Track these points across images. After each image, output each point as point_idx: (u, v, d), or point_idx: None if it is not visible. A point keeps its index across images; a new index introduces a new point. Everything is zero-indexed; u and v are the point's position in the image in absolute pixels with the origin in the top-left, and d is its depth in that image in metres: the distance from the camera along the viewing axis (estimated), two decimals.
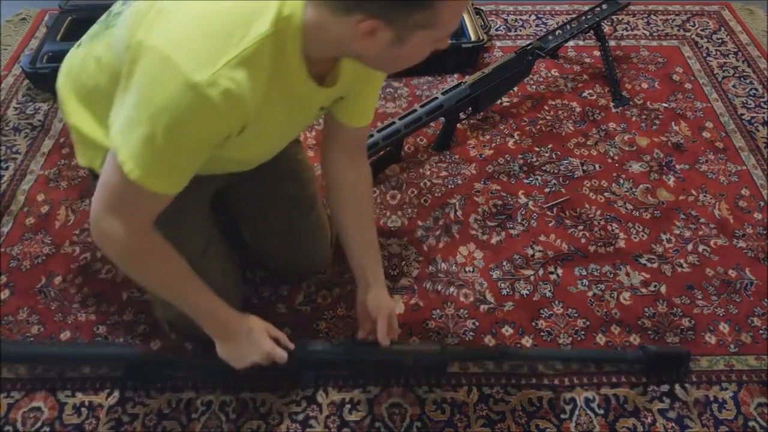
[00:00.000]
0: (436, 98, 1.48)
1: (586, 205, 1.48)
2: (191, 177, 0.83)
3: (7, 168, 1.53)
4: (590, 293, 1.31)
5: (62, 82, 1.00)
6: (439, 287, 1.31)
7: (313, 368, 1.15)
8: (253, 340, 1.00)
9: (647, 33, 1.99)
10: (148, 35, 0.73)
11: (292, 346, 1.04)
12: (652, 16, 2.05)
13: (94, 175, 0.98)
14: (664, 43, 1.96)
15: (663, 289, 1.32)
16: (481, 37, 1.78)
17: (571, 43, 1.85)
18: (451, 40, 1.95)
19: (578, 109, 1.73)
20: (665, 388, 1.16)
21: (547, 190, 1.52)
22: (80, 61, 0.95)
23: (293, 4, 0.74)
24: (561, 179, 1.54)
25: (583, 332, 1.24)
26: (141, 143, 0.75)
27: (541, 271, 1.35)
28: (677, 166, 1.58)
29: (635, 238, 1.42)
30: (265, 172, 1.08)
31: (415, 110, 1.45)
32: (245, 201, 1.19)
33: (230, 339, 1.00)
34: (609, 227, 1.44)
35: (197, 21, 0.73)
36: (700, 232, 1.43)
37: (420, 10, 0.70)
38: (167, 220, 0.87)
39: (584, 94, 1.78)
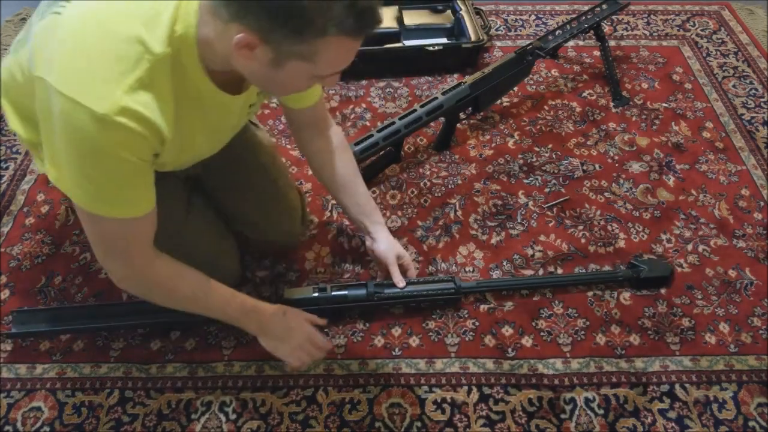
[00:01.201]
0: (436, 98, 1.48)
1: (586, 205, 1.48)
2: (152, 189, 0.85)
3: (7, 168, 1.53)
4: (590, 293, 1.31)
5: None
6: None
7: (339, 311, 1.23)
8: (290, 324, 1.05)
9: (647, 33, 1.99)
10: (49, 73, 0.73)
11: (324, 322, 1.12)
12: (652, 16, 2.05)
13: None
14: (664, 43, 1.96)
15: (663, 289, 1.32)
16: (481, 37, 1.78)
17: (571, 43, 1.86)
18: (450, 39, 1.94)
19: (578, 109, 1.73)
20: (665, 388, 1.16)
21: (547, 190, 1.52)
22: (8, 71, 0.98)
23: (186, 21, 0.74)
24: (561, 179, 1.54)
25: (583, 332, 1.24)
26: (86, 182, 0.78)
27: (541, 271, 1.35)
28: (677, 166, 1.58)
29: (635, 238, 1.42)
30: (227, 154, 1.08)
31: (415, 110, 1.45)
32: (217, 183, 1.20)
33: (269, 329, 1.05)
34: (609, 227, 1.44)
35: (88, 47, 0.73)
36: (700, 232, 1.43)
37: (298, 40, 0.70)
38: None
39: (584, 94, 1.78)
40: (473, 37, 1.79)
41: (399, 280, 1.18)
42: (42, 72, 0.75)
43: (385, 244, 1.18)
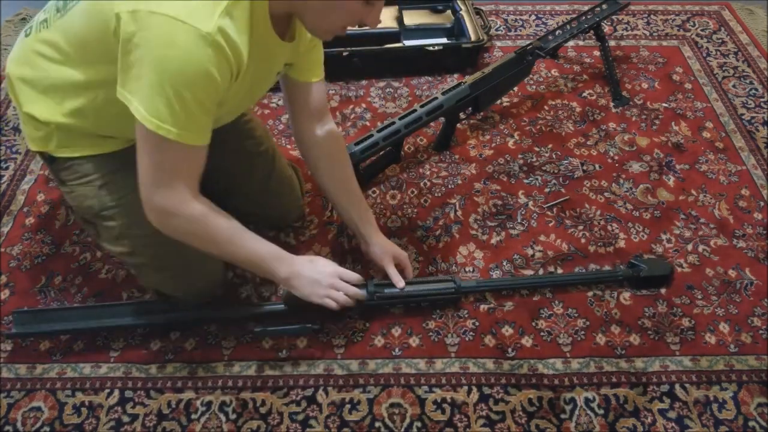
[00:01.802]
0: (436, 98, 1.48)
1: (586, 205, 1.48)
2: (211, 126, 0.91)
3: (7, 168, 1.53)
4: (590, 293, 1.31)
5: (12, 71, 1.04)
6: None
7: (339, 311, 1.19)
8: (320, 266, 1.09)
9: (647, 33, 1.99)
10: (137, 4, 0.78)
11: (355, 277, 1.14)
12: (652, 16, 2.05)
13: (48, 159, 1.08)
14: (664, 43, 1.96)
15: (663, 289, 1.32)
16: (481, 37, 1.78)
17: (571, 43, 1.86)
18: (450, 39, 1.96)
19: (578, 109, 1.73)
20: (665, 388, 1.16)
21: (547, 190, 1.52)
22: (32, 49, 0.99)
23: None
24: (561, 179, 1.54)
25: (583, 332, 1.24)
26: (168, 103, 0.82)
27: (541, 271, 1.35)
28: (677, 166, 1.58)
29: (635, 238, 1.42)
30: (225, 137, 1.11)
31: (415, 110, 1.45)
32: (215, 168, 1.21)
33: (301, 273, 1.07)
34: (609, 227, 1.44)
35: None
36: (700, 232, 1.43)
37: None
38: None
39: (584, 94, 1.78)
40: (473, 37, 1.79)
41: (398, 281, 1.19)
42: (131, 5, 0.79)
43: (379, 246, 1.20)
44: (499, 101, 1.71)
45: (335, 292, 1.10)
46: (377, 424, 1.11)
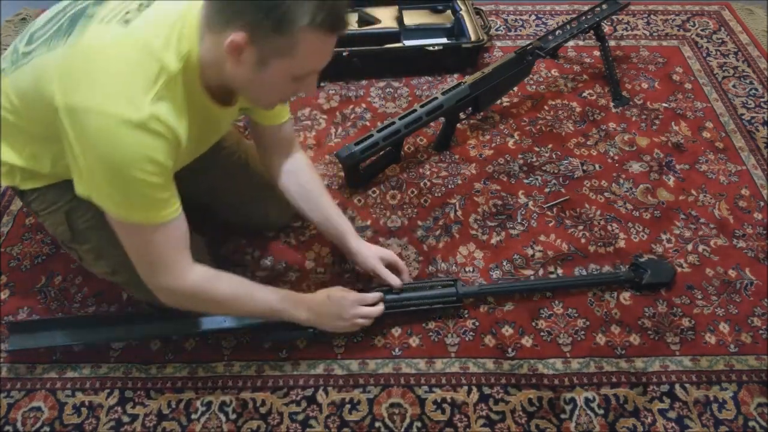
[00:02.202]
0: (436, 98, 1.48)
1: (586, 205, 1.48)
2: (176, 192, 0.92)
3: None
4: (590, 293, 1.31)
5: None
6: None
7: None
8: (338, 300, 1.12)
9: (647, 33, 1.99)
10: (73, 96, 0.81)
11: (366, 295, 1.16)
12: (652, 16, 2.05)
13: (19, 193, 1.10)
14: (664, 43, 1.96)
15: (663, 289, 1.32)
16: (481, 37, 1.78)
17: (571, 43, 1.85)
18: (450, 39, 1.95)
19: (578, 109, 1.73)
20: (665, 388, 1.16)
21: (547, 190, 1.52)
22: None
23: (190, 39, 0.84)
24: (561, 179, 1.54)
25: (583, 332, 1.24)
26: (122, 192, 0.85)
27: (541, 271, 1.35)
28: (677, 166, 1.58)
29: (635, 238, 1.42)
30: (204, 155, 1.12)
31: (415, 110, 1.45)
32: (193, 188, 1.21)
33: (323, 314, 1.11)
34: (609, 227, 1.44)
35: (110, 66, 0.81)
36: (700, 232, 1.43)
37: (279, 34, 0.79)
38: None
39: (584, 94, 1.78)
40: (473, 37, 1.79)
41: (393, 280, 1.19)
42: (71, 96, 0.81)
43: (362, 254, 1.20)
44: (499, 101, 1.71)
45: (359, 319, 1.13)
46: (377, 424, 1.11)
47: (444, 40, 1.86)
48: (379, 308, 1.16)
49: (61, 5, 0.93)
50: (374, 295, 1.16)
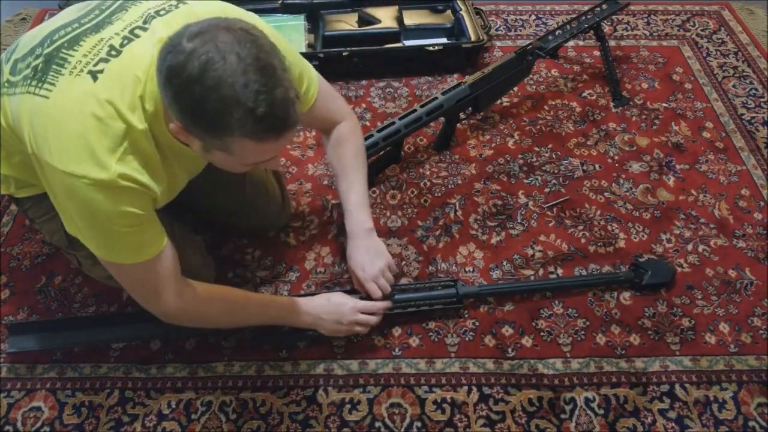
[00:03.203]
0: (436, 98, 1.48)
1: (586, 205, 1.48)
2: (159, 225, 0.93)
3: None
4: (590, 293, 1.31)
5: None
6: None
7: None
8: (337, 305, 1.12)
9: (647, 33, 1.99)
10: (43, 153, 0.83)
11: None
12: (652, 16, 2.05)
13: (15, 200, 1.12)
14: (664, 43, 1.95)
15: (663, 289, 1.32)
16: (481, 37, 1.78)
17: (571, 43, 1.85)
18: (450, 39, 1.94)
19: (578, 109, 1.73)
20: (665, 388, 1.16)
21: (547, 190, 1.52)
22: None
23: (153, 99, 0.84)
24: (561, 179, 1.54)
25: (583, 332, 1.24)
26: (104, 238, 0.88)
27: (541, 271, 1.35)
28: (677, 166, 1.58)
29: (635, 238, 1.42)
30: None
31: (415, 110, 1.45)
32: (189, 195, 1.22)
33: (323, 318, 1.11)
34: (609, 227, 1.44)
35: (77, 126, 0.81)
36: (700, 232, 1.43)
37: (212, 137, 0.79)
38: None
39: (584, 94, 1.78)
40: (473, 37, 1.79)
41: (373, 292, 1.14)
42: (42, 151, 0.83)
43: (349, 262, 1.17)
44: (499, 101, 1.71)
45: (357, 326, 1.13)
46: (377, 424, 1.11)
47: (444, 40, 1.85)
48: (376, 318, 1.15)
49: (38, 38, 0.90)
50: (374, 305, 1.15)
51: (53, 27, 0.91)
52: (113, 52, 0.84)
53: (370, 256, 1.15)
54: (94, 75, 0.83)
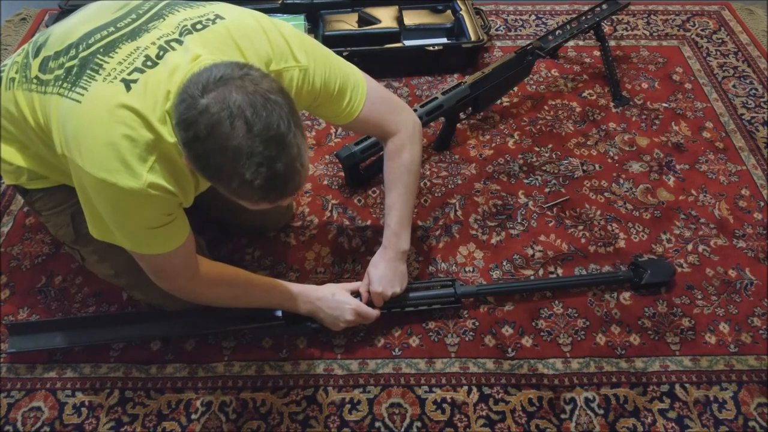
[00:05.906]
0: (436, 98, 1.48)
1: (586, 205, 1.48)
2: (184, 217, 0.97)
3: None
4: (590, 293, 1.31)
5: None
6: None
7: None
8: (339, 302, 1.13)
9: (647, 33, 1.99)
10: (75, 156, 0.84)
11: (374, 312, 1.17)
12: (652, 16, 2.05)
13: (22, 191, 1.12)
14: (664, 43, 1.96)
15: (663, 288, 1.32)
16: (481, 37, 1.78)
17: (571, 43, 1.86)
18: (450, 39, 1.95)
19: (578, 109, 1.73)
20: (665, 388, 1.16)
21: (547, 190, 1.52)
22: (5, 102, 0.99)
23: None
24: (561, 179, 1.54)
25: (583, 332, 1.24)
26: (133, 234, 0.92)
27: (541, 271, 1.35)
28: (677, 166, 1.58)
29: (635, 238, 1.42)
30: None
31: (415, 110, 1.45)
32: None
33: (322, 310, 1.13)
34: (609, 227, 1.44)
35: (110, 135, 0.82)
36: (700, 232, 1.43)
37: (217, 184, 0.81)
38: None
39: (584, 94, 1.78)
40: (473, 37, 1.79)
41: (376, 304, 1.18)
42: (73, 154, 0.85)
43: (372, 268, 1.17)
44: (499, 101, 1.71)
45: (353, 324, 1.16)
46: (377, 424, 1.11)
47: (444, 40, 1.86)
48: (374, 316, 1.16)
49: (73, 36, 0.91)
50: (374, 312, 1.16)
51: (89, 28, 0.91)
52: (149, 63, 0.85)
53: (393, 276, 1.16)
54: (127, 84, 0.84)
